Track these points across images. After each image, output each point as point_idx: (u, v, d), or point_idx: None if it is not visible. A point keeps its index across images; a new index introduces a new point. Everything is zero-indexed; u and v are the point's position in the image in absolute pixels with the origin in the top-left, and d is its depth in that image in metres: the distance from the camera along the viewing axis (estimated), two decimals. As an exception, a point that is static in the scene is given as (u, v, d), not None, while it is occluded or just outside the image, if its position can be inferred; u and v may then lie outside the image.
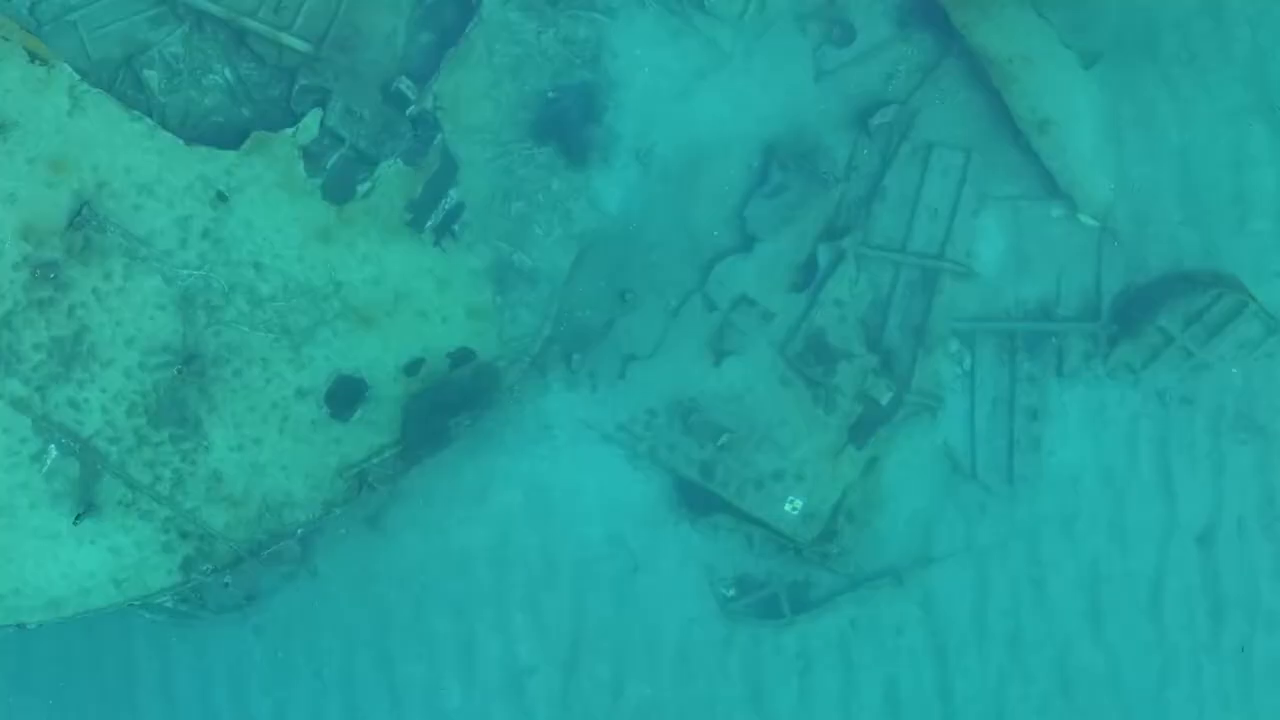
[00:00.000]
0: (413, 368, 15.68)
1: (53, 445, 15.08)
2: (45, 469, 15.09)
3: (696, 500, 15.90)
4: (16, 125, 14.98)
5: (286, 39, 15.75)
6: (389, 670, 16.28)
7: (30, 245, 14.92)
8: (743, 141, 16.14)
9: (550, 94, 16.08)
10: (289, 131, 15.60)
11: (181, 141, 15.34)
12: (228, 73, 15.99)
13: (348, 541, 16.18)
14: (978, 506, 15.94)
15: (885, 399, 15.67)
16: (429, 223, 15.76)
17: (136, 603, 15.50)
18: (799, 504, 15.59)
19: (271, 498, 15.52)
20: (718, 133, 16.16)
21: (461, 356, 15.76)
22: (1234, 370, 16.08)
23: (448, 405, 15.65)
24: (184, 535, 15.38)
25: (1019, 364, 15.83)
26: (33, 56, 15.08)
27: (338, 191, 15.69)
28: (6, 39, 15.01)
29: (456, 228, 15.82)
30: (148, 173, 15.28)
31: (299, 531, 15.62)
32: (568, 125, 16.03)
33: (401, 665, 16.27)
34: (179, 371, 15.16)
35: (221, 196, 15.36)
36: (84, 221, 14.93)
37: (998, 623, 16.05)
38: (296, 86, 15.80)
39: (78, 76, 15.19)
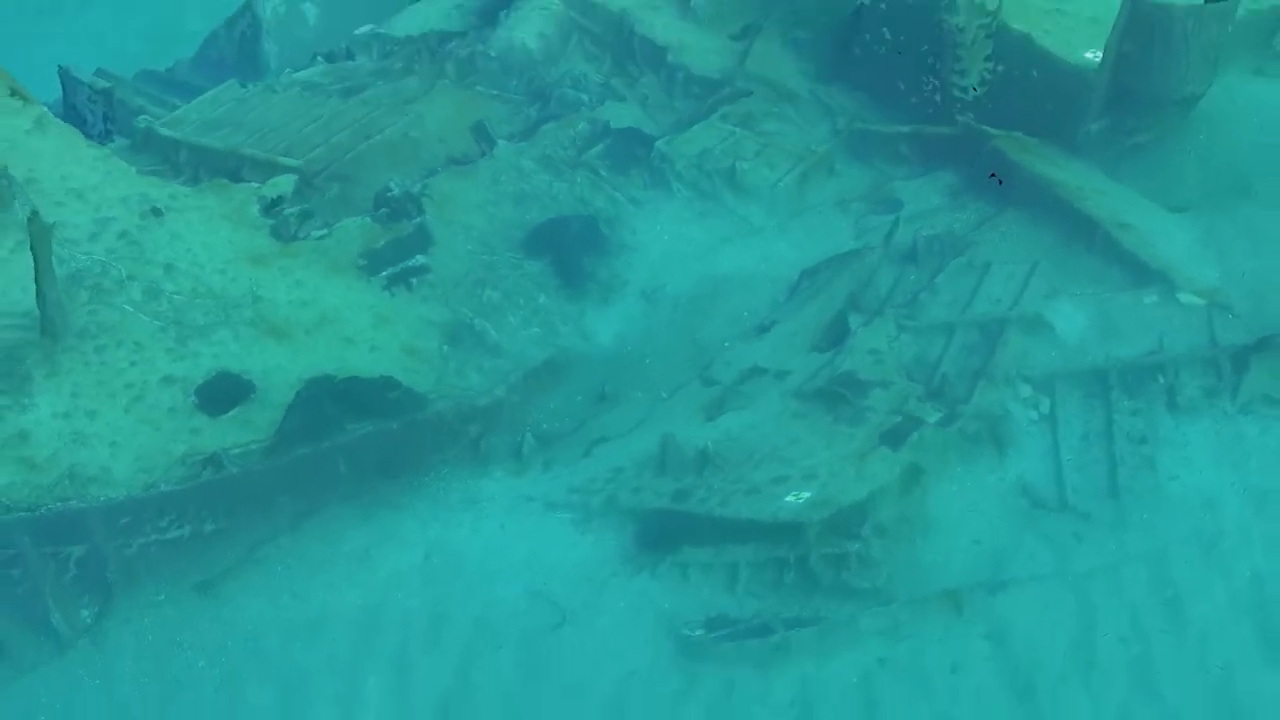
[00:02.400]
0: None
1: None
2: None
3: (661, 538, 10.87)
4: (-31, 139, 13.62)
5: (281, 159, 14.52)
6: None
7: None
8: (770, 281, 13.62)
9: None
10: (254, 185, 13.82)
11: (134, 171, 13.67)
12: (208, 218, 14.54)
13: (163, 609, 11.19)
14: (1071, 535, 10.47)
15: (933, 419, 11.23)
16: (384, 272, 13.14)
17: None
18: (805, 495, 10.54)
19: (82, 469, 11.22)
20: (742, 274, 13.73)
21: (385, 385, 12.16)
22: None
23: (349, 400, 11.76)
24: (-59, 481, 11.01)
25: (1116, 400, 11.38)
26: (13, 92, 14.16)
27: (289, 234, 13.41)
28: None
29: (414, 282, 13.09)
30: (85, 182, 13.44)
31: (100, 500, 11.01)
32: (566, 248, 13.84)
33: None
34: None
35: (156, 211, 13.23)
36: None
37: (1114, 651, 9.72)
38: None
39: (51, 115, 14.10)
